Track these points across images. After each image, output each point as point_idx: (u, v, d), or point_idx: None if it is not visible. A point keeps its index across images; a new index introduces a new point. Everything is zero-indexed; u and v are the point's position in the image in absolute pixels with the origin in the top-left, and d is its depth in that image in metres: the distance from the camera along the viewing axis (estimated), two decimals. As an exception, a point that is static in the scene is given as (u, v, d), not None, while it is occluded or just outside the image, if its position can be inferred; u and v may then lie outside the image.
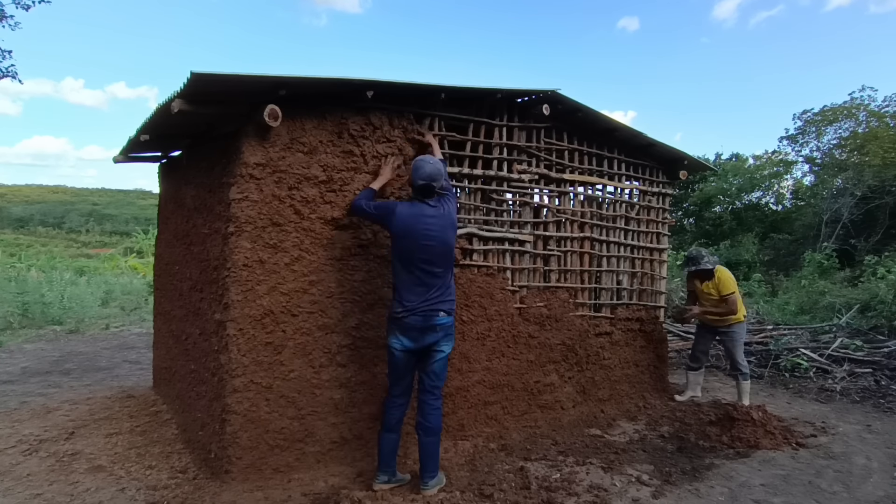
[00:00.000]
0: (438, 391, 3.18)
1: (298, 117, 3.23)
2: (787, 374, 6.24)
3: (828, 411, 5.00)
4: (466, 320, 3.93)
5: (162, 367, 4.75)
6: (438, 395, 3.18)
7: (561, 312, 4.48)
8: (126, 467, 3.39)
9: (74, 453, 3.59)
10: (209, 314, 3.41)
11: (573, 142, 4.67)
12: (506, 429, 4.10)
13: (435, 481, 3.09)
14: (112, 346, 7.47)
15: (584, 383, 4.67)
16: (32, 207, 53.75)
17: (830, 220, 16.06)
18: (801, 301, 10.39)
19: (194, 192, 3.91)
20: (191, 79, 2.65)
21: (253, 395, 3.11)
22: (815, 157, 19.00)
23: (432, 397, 3.14)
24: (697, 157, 5.64)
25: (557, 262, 4.54)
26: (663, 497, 3.20)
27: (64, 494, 3.03)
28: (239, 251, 3.05)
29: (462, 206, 4.01)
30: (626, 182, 5.12)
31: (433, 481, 3.08)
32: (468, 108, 3.99)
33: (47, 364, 6.29)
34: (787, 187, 20.53)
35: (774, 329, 7.94)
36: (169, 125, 3.43)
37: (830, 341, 7.06)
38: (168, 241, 4.62)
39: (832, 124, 17.91)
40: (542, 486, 3.25)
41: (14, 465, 3.42)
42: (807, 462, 3.75)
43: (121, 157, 4.50)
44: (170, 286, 4.49)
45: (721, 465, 3.66)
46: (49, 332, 8.33)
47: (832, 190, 16.74)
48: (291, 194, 3.22)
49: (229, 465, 3.07)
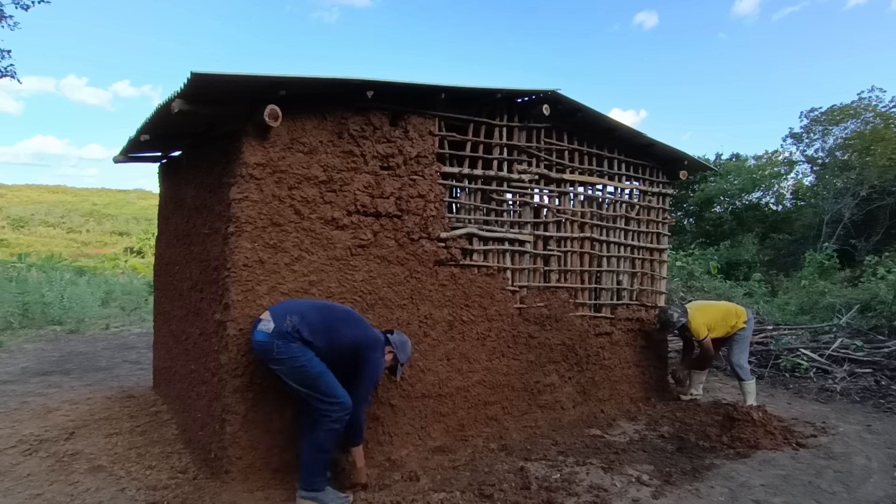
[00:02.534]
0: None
1: (299, 117, 3.23)
2: (788, 374, 6.24)
3: (828, 411, 5.00)
4: (466, 320, 3.94)
5: (162, 367, 4.75)
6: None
7: (561, 312, 4.48)
8: (126, 467, 3.39)
9: (75, 453, 3.59)
10: (209, 314, 3.41)
11: (573, 142, 4.67)
12: (506, 429, 4.10)
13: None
14: (112, 347, 7.47)
15: (584, 383, 4.67)
16: (33, 207, 53.73)
17: (831, 221, 16.06)
18: (801, 301, 10.39)
19: (194, 192, 3.91)
20: (191, 79, 2.65)
21: (253, 396, 3.11)
22: (818, 158, 18.97)
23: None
24: (698, 158, 5.64)
25: (557, 262, 4.54)
26: (663, 497, 3.20)
27: (64, 494, 3.03)
28: (239, 251, 3.05)
29: (462, 207, 4.06)
30: (626, 182, 5.12)
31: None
32: (468, 109, 3.99)
33: (47, 364, 6.29)
34: (788, 187, 20.53)
35: (775, 329, 7.94)
36: (169, 125, 3.43)
37: (831, 341, 7.06)
38: (168, 241, 4.62)
39: (839, 124, 17.84)
40: (542, 486, 3.25)
41: (14, 465, 3.41)
42: (807, 462, 3.76)
43: (121, 158, 4.50)
44: (170, 286, 4.49)
45: (721, 466, 3.66)
46: (49, 332, 8.33)
47: (833, 190, 16.72)
48: (291, 194, 3.22)
49: (229, 466, 3.07)
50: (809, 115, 18.84)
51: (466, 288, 3.93)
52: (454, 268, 3.89)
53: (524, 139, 4.34)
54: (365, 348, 3.09)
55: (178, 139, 4.04)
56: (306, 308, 3.03)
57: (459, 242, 3.91)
